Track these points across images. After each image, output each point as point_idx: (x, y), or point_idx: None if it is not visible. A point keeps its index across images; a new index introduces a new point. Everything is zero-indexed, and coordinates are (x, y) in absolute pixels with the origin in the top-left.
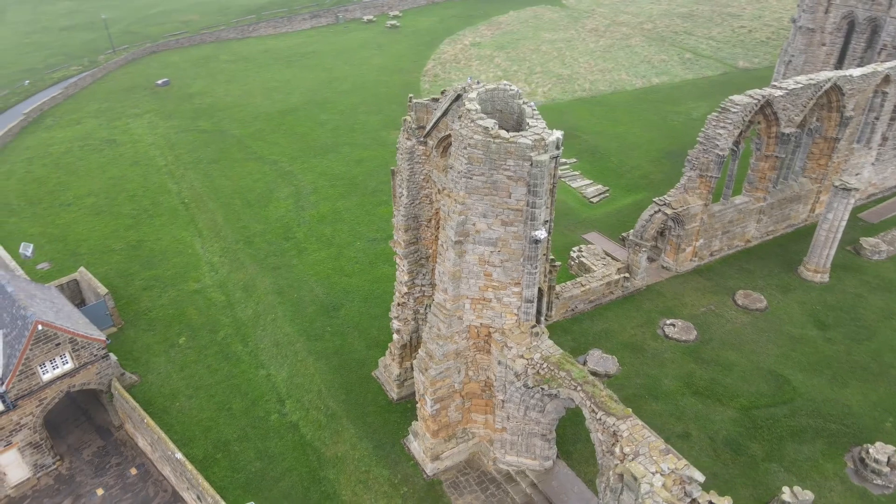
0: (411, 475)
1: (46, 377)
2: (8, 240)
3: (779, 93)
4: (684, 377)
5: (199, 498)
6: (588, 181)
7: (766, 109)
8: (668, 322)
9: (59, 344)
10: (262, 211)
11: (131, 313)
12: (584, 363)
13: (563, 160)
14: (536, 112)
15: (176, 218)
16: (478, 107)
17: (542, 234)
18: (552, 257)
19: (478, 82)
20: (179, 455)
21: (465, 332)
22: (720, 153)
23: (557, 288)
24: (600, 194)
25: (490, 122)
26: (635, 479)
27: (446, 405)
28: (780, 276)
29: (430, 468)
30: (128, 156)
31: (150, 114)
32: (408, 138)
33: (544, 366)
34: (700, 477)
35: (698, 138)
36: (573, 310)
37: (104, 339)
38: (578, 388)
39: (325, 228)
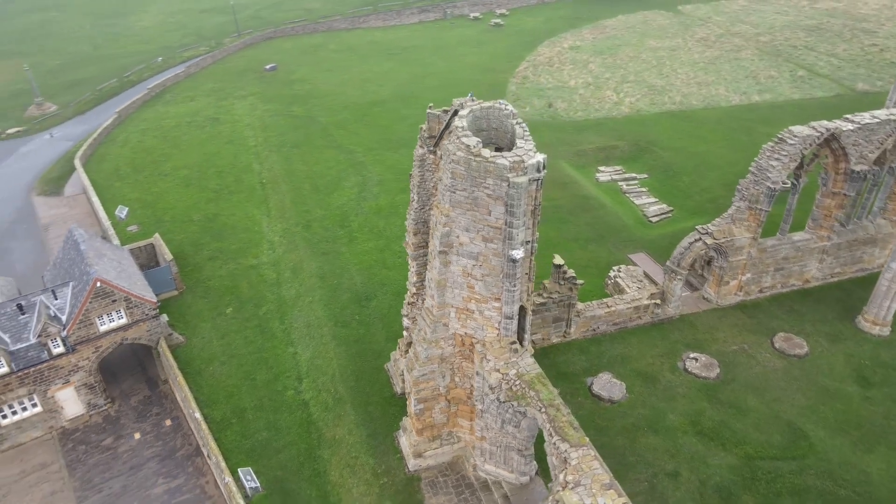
0: (394, 468)
1: (103, 328)
2: (110, 201)
3: (849, 127)
4: (692, 415)
5: (207, 455)
6: (653, 199)
7: (832, 143)
8: (691, 355)
9: (115, 300)
10: (327, 198)
11: (193, 280)
12: (591, 385)
13: (633, 175)
14: (527, 133)
15: (252, 196)
16: (465, 124)
17: (518, 253)
18: (573, 275)
19: (472, 99)
20: (198, 414)
21: (450, 338)
22: (772, 186)
23: (580, 306)
24: (662, 214)
25: (473, 141)
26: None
27: (430, 406)
28: (832, 324)
29: (412, 464)
30: (225, 134)
31: (253, 96)
32: (420, 146)
33: (517, 382)
34: None
35: (750, 168)
36: (594, 330)
37: (155, 300)
38: (543, 409)
39: (379, 220)
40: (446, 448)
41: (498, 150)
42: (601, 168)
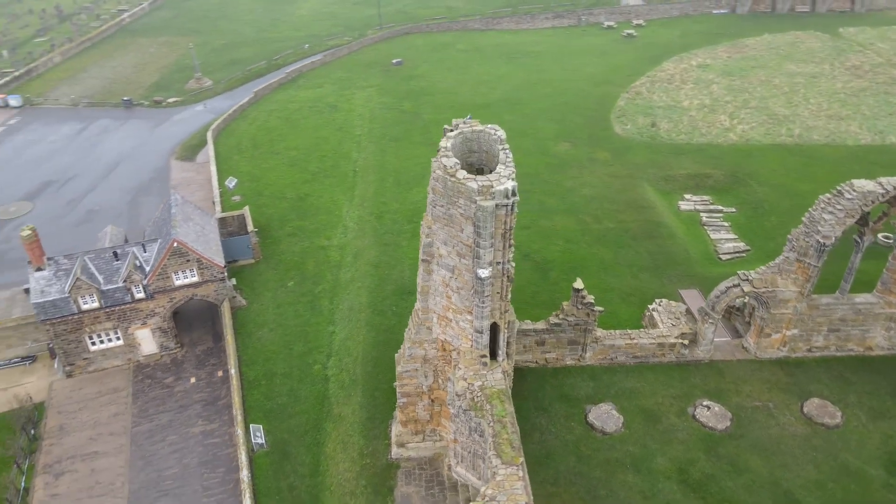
0: (379, 452)
1: (177, 282)
2: (226, 172)
3: None
4: (682, 462)
5: (231, 407)
6: (731, 235)
7: None
8: (705, 403)
9: (188, 260)
10: (406, 192)
11: (270, 252)
12: (588, 412)
13: (719, 207)
14: (509, 159)
15: (342, 182)
16: (448, 144)
17: (484, 272)
18: (591, 300)
19: (467, 122)
20: (233, 370)
21: (434, 342)
22: (821, 240)
23: (599, 332)
24: (736, 253)
25: (451, 161)
26: None
27: (413, 402)
28: (882, 399)
29: (394, 452)
30: (338, 121)
31: (372, 88)
32: (435, 160)
33: (479, 394)
34: None
35: (803, 218)
36: (612, 359)
37: (223, 265)
38: (491, 423)
39: None
40: (428, 444)
41: (479, 172)
42: (687, 196)
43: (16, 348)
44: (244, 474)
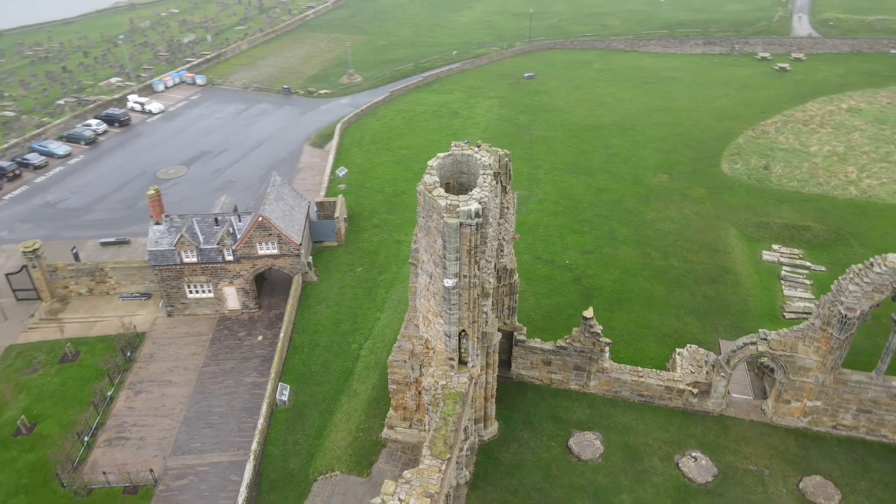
0: (373, 429)
1: (260, 252)
2: (343, 161)
3: None
4: None
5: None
6: (807, 295)
7: None
8: (694, 453)
9: (270, 234)
10: None
11: (353, 238)
12: (571, 436)
13: (807, 263)
14: (485, 184)
15: None
16: (435, 164)
17: (448, 282)
18: (598, 331)
19: (465, 144)
20: (282, 335)
21: (420, 339)
22: (844, 312)
23: (607, 364)
24: (803, 314)
25: (431, 179)
26: (383, 499)
27: (402, 390)
28: None
29: (384, 432)
30: (454, 127)
31: (497, 99)
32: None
33: (440, 392)
34: None
35: (833, 285)
36: (616, 392)
37: (298, 243)
38: (436, 420)
39: None
40: (414, 431)
41: (466, 191)
42: (775, 247)
43: (137, 285)
44: (260, 422)
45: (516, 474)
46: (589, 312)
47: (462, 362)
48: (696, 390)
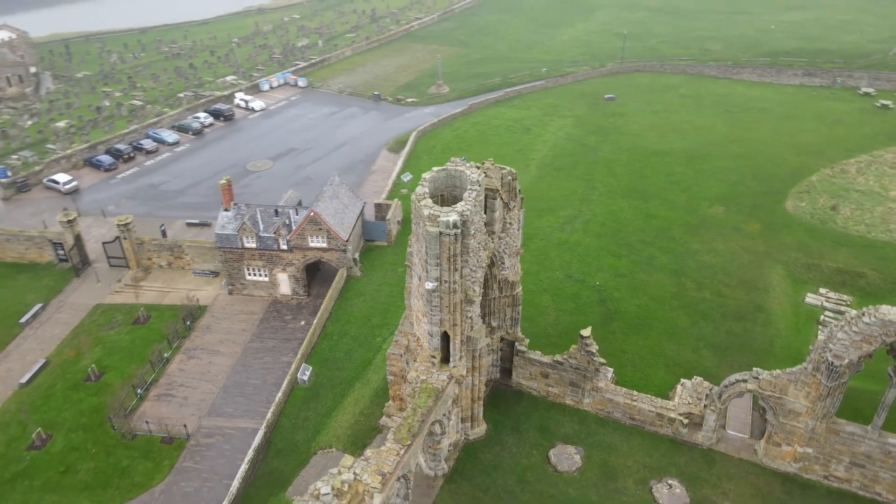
0: (373, 416)
1: (311, 244)
2: (411, 168)
3: None
4: None
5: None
6: None
7: None
8: (670, 481)
9: (320, 229)
10: (537, 219)
11: (402, 240)
12: (553, 447)
13: (852, 311)
14: (470, 198)
15: None
16: (428, 176)
17: (429, 285)
18: (594, 350)
19: (458, 161)
20: (315, 321)
21: (414, 336)
22: (831, 359)
23: (602, 384)
24: None
25: (421, 191)
26: (340, 470)
27: (398, 382)
28: None
29: (381, 420)
30: (522, 143)
31: (571, 118)
32: None
33: (418, 386)
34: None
35: (826, 330)
36: (609, 412)
37: (345, 239)
38: (407, 409)
39: (552, 252)
40: None
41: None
42: (822, 290)
43: (208, 264)
44: (278, 396)
45: (492, 475)
46: (586, 331)
47: (445, 361)
48: (686, 420)
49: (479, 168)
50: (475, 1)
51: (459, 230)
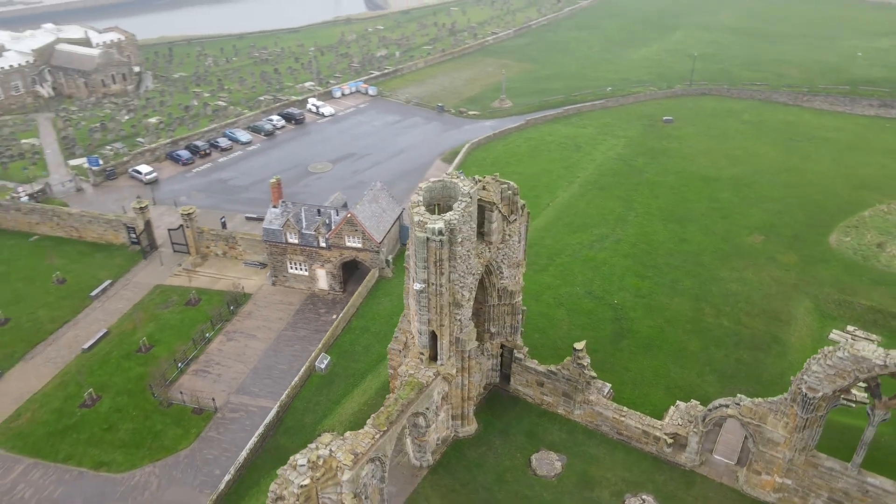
0: (376, 406)
1: (347, 244)
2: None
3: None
4: None
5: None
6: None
7: None
8: (644, 496)
9: (356, 230)
10: (569, 235)
11: None
12: (537, 451)
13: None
14: (459, 207)
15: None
16: (423, 186)
17: (417, 286)
18: (586, 364)
19: (459, 172)
20: (339, 315)
21: (411, 333)
22: (806, 391)
23: (593, 398)
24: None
25: (415, 198)
26: (318, 445)
27: (396, 375)
28: None
29: None
30: (571, 160)
31: (624, 139)
32: None
33: (406, 380)
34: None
35: (805, 362)
36: (597, 426)
37: (378, 241)
38: (390, 399)
39: (576, 267)
40: None
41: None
42: (850, 328)
43: (258, 255)
44: (294, 380)
45: (474, 471)
46: (580, 345)
47: (434, 359)
48: (671, 440)
49: (479, 181)
50: (553, 18)
51: (445, 237)
